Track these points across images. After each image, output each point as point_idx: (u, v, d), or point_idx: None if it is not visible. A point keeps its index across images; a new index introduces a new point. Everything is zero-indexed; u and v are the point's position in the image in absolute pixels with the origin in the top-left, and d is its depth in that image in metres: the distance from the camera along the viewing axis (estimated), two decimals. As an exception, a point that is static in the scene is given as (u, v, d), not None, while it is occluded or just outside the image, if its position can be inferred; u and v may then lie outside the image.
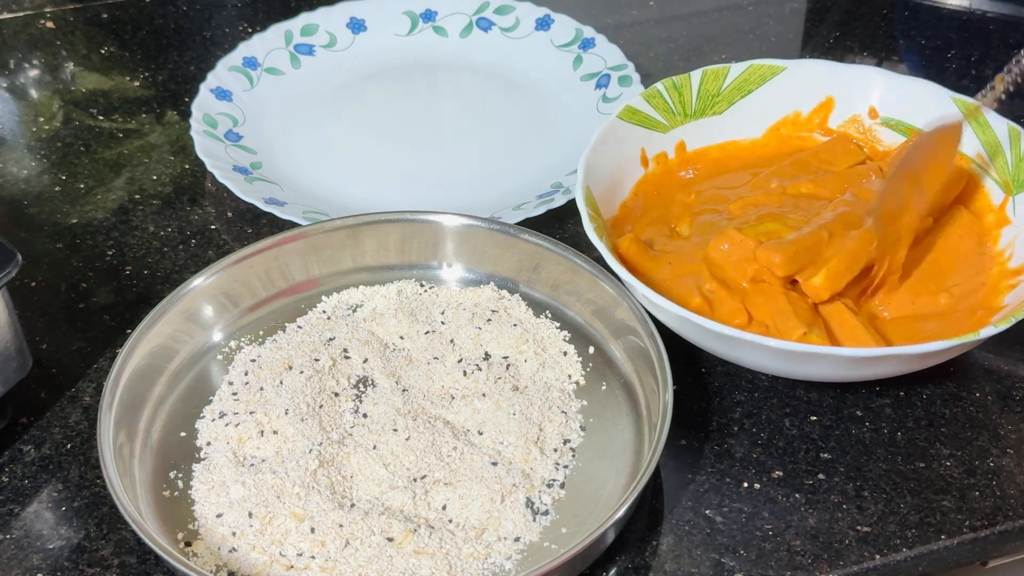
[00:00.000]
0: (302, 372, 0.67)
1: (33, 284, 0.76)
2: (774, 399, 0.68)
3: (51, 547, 0.61)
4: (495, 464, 0.62)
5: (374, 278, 0.74)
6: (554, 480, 0.62)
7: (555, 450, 0.63)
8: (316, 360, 0.68)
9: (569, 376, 0.68)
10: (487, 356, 0.69)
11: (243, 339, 0.70)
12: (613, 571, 0.59)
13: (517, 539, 0.59)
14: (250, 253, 0.70)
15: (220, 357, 0.69)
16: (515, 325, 0.70)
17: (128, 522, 0.56)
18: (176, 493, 0.62)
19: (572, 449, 0.64)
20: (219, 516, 0.60)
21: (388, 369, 0.68)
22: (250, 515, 0.59)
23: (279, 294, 0.72)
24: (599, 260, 0.67)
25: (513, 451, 0.63)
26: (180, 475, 0.63)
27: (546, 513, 0.61)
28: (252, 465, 0.62)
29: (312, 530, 0.58)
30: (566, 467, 0.63)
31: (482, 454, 0.62)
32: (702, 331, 0.62)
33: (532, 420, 0.64)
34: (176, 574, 0.56)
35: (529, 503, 0.61)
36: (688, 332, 0.64)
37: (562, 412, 0.65)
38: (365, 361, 0.68)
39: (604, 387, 0.68)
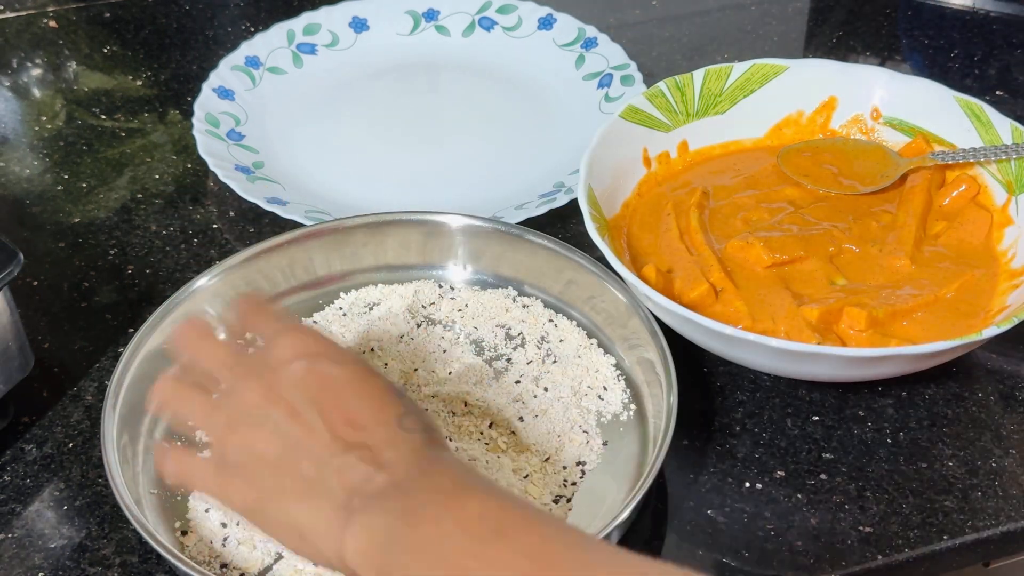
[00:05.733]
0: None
1: (35, 283, 0.76)
2: (776, 399, 0.68)
3: (53, 546, 0.61)
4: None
5: (392, 277, 0.73)
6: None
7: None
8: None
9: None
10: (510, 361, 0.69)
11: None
12: (615, 571, 0.59)
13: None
14: (254, 253, 0.70)
15: (222, 356, 0.69)
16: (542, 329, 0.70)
17: (131, 521, 0.56)
18: (179, 492, 0.62)
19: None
20: (207, 511, 0.59)
21: (400, 358, 0.68)
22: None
23: (286, 292, 0.72)
24: (601, 259, 0.67)
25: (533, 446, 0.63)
26: (182, 474, 0.62)
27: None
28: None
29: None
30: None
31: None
32: (704, 331, 0.62)
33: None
34: (178, 574, 0.56)
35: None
36: (690, 332, 0.64)
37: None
38: (371, 351, 0.68)
39: (606, 387, 0.68)
